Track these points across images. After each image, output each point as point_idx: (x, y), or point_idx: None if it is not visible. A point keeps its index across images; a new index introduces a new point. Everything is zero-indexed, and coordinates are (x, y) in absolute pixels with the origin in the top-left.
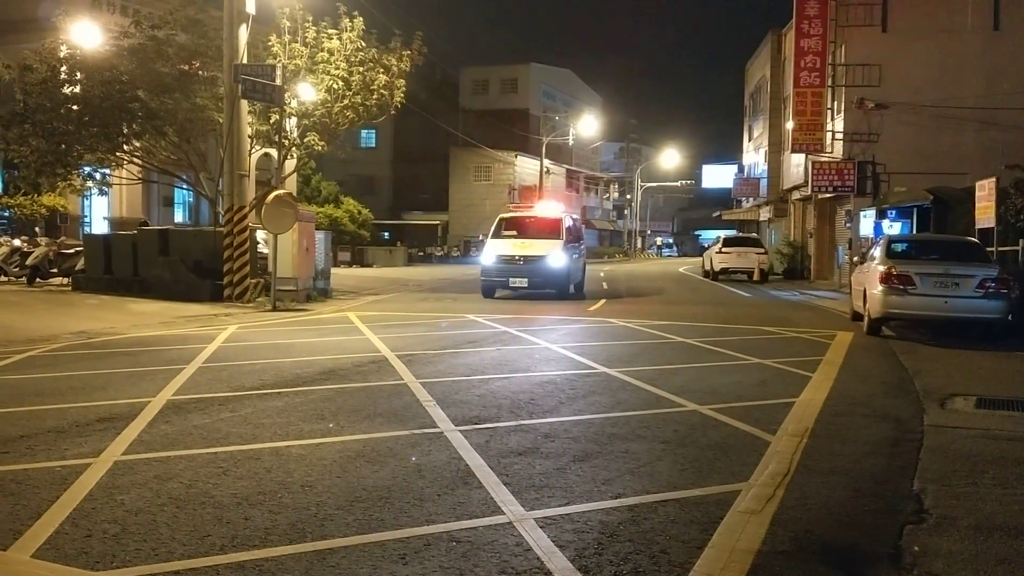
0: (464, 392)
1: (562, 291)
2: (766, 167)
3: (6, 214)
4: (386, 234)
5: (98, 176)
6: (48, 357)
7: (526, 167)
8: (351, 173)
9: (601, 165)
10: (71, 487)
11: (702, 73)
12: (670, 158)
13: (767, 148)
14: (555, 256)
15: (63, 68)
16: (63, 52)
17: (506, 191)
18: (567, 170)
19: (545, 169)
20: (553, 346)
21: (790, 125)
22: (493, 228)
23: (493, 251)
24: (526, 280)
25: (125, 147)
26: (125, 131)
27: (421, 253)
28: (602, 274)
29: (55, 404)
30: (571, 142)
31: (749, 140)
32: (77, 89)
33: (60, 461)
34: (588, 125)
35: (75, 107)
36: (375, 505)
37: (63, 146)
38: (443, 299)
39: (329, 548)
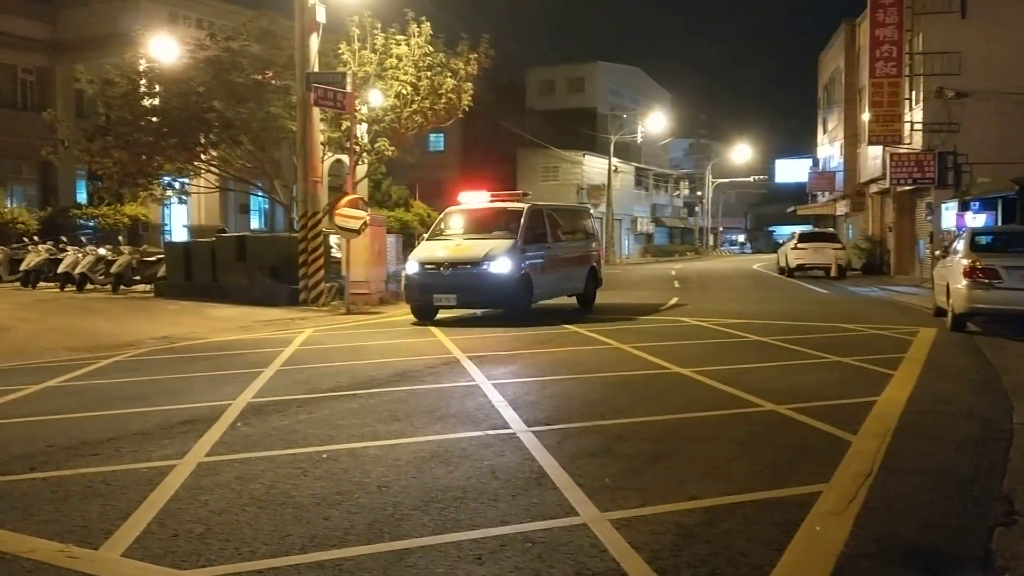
0: (536, 393)
1: (512, 308)
2: (842, 160)
3: (91, 224)
4: None
5: (177, 185)
6: (133, 362)
7: (594, 166)
8: (420, 177)
9: (670, 162)
10: (157, 488)
11: (773, 66)
12: (741, 153)
13: (842, 141)
14: (498, 261)
15: (143, 81)
16: (142, 66)
17: (574, 191)
18: (635, 168)
19: (613, 168)
20: (625, 346)
21: (866, 117)
22: (433, 225)
23: (417, 257)
24: (454, 296)
25: (202, 157)
26: (202, 141)
27: None
28: (673, 272)
29: (140, 407)
30: (639, 140)
31: (823, 133)
32: (156, 101)
33: (146, 463)
34: (656, 122)
35: (154, 119)
36: (450, 505)
37: (144, 157)
38: None
39: (406, 548)
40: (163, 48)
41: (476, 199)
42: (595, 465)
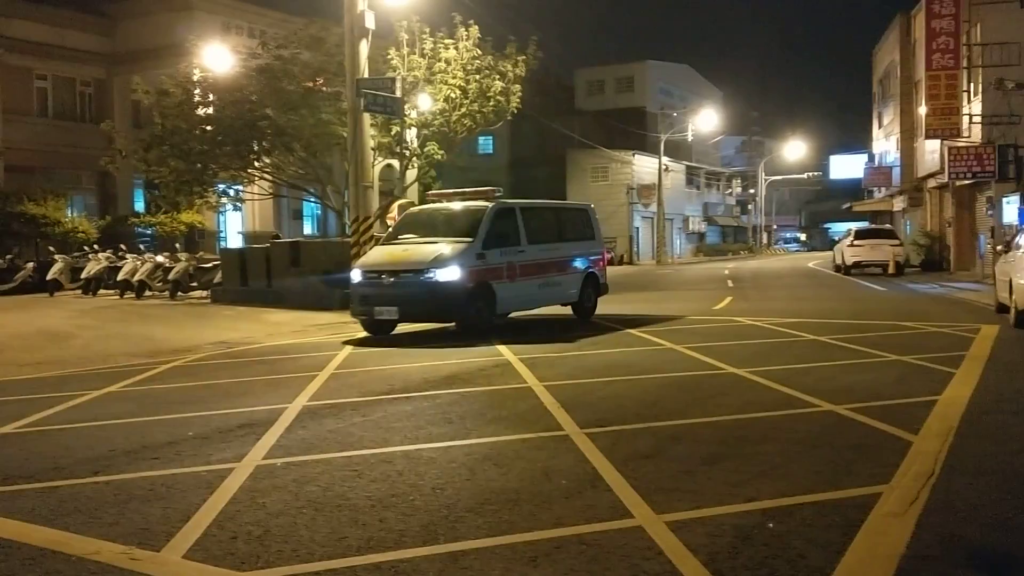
0: (588, 394)
1: (465, 322)
2: (898, 155)
3: (149, 232)
4: None
5: (232, 193)
6: (191, 366)
7: (644, 166)
8: (470, 179)
9: (722, 160)
10: (216, 491)
11: (826, 60)
12: (795, 150)
13: (899, 135)
14: (444, 267)
15: (197, 91)
16: (197, 76)
17: (624, 191)
18: (687, 167)
19: (664, 167)
20: (678, 347)
21: (923, 110)
22: (392, 228)
23: (361, 263)
24: (395, 309)
25: (256, 164)
26: (255, 148)
27: None
28: (726, 271)
29: (199, 411)
30: (690, 138)
31: (879, 127)
32: (210, 110)
33: (205, 466)
34: (707, 120)
35: (209, 128)
36: (504, 507)
37: (199, 165)
38: None
39: (461, 550)
40: (216, 58)
41: (443, 198)
42: (649, 467)
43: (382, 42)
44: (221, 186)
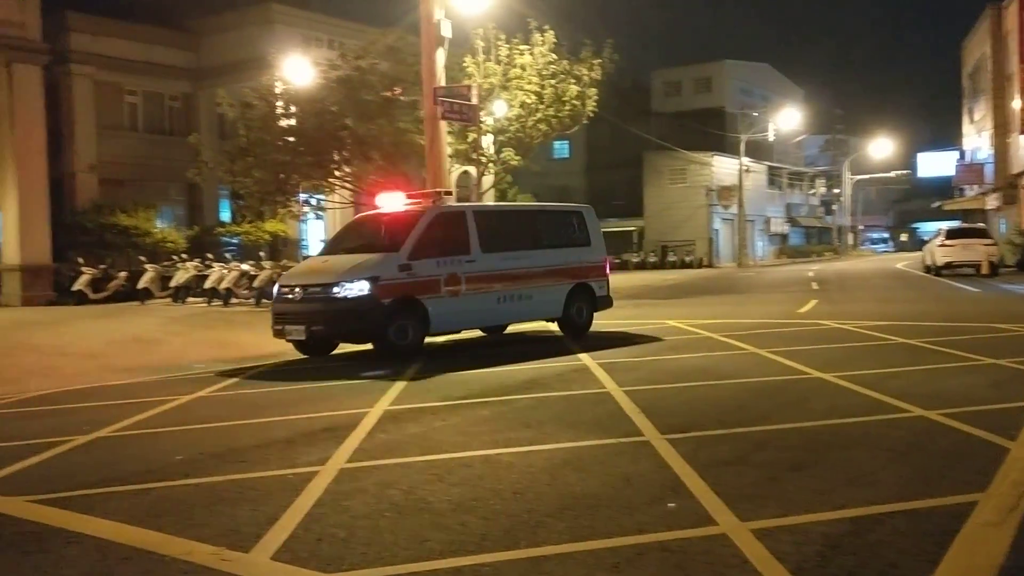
0: (668, 399)
1: (382, 345)
2: (991, 151)
3: (234, 241)
4: None
5: (314, 202)
6: (275, 371)
7: (724, 167)
8: (546, 184)
9: (805, 160)
10: (302, 493)
11: (912, 54)
12: (881, 148)
13: (991, 131)
14: (353, 282)
15: (279, 103)
16: (278, 88)
17: (703, 192)
18: (768, 167)
19: (744, 167)
20: (761, 351)
21: (1017, 104)
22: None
23: (282, 279)
24: (303, 328)
25: (336, 173)
26: (336, 158)
27: (617, 260)
28: (810, 273)
29: (285, 416)
30: (771, 138)
31: (970, 123)
32: (292, 122)
33: (291, 469)
34: (788, 119)
35: (291, 138)
36: (584, 513)
37: (282, 175)
38: (641, 306)
39: (542, 555)
40: (297, 70)
41: (392, 202)
42: (733, 473)
43: (458, 50)
44: (303, 195)
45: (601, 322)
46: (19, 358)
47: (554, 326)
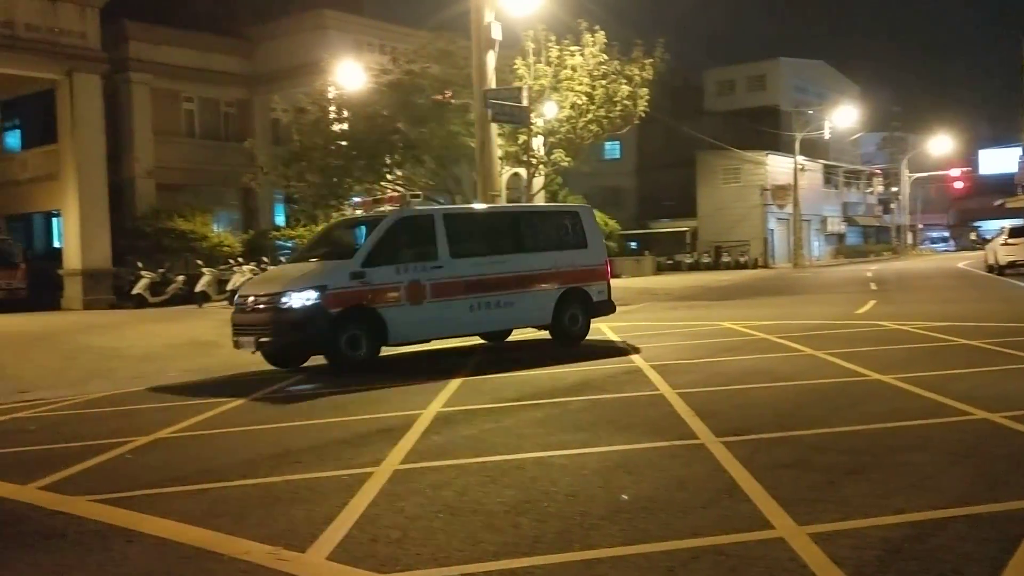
0: (723, 402)
1: (334, 358)
2: None
3: (289, 244)
4: (633, 244)
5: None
6: (329, 374)
7: (778, 166)
8: (596, 185)
9: (862, 158)
10: (356, 494)
11: (972, 49)
12: (940, 144)
13: None
14: (300, 293)
15: (332, 108)
16: (331, 93)
17: (758, 192)
18: (824, 165)
19: (799, 166)
20: (818, 353)
21: None
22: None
23: (240, 290)
24: (252, 339)
25: (388, 176)
26: (388, 161)
27: (670, 261)
28: (868, 273)
29: (339, 417)
30: (827, 136)
31: None
32: (345, 126)
33: (346, 470)
34: (845, 117)
35: (343, 143)
36: (638, 516)
37: (335, 179)
38: (695, 307)
39: (596, 558)
40: (349, 75)
41: (363, 206)
42: (790, 477)
43: (509, 52)
44: (356, 199)
45: (650, 323)
46: (81, 360)
47: (607, 328)
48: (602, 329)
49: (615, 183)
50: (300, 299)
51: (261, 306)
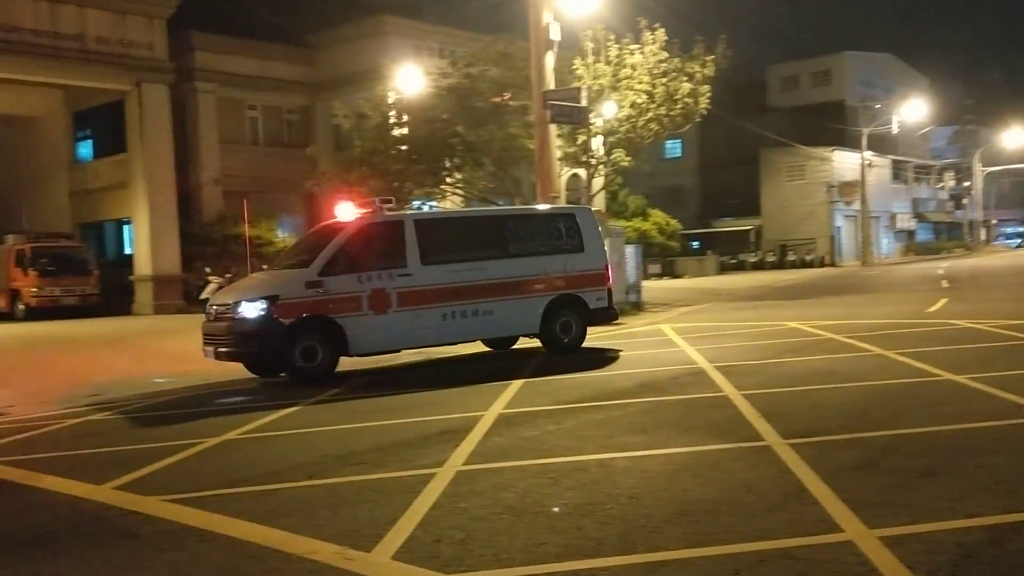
0: (789, 403)
1: (287, 367)
2: None
3: None
4: (695, 243)
5: (426, 208)
6: (392, 376)
7: (845, 162)
8: (657, 185)
9: (932, 152)
10: (419, 495)
11: None
12: (1015, 137)
13: None
14: (252, 303)
15: (392, 113)
16: (391, 98)
17: (824, 189)
18: (892, 161)
19: (867, 162)
20: (887, 352)
21: None
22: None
23: (211, 299)
24: (212, 349)
25: (448, 180)
26: (447, 165)
27: (733, 260)
28: (940, 271)
29: (401, 419)
30: (895, 130)
31: None
32: (405, 131)
33: (408, 471)
34: (914, 110)
35: (403, 147)
36: (703, 519)
37: (396, 183)
38: (759, 307)
39: (660, 560)
40: (409, 80)
41: (345, 212)
42: (859, 479)
43: (567, 52)
44: (416, 202)
45: (714, 324)
46: (151, 364)
47: (670, 330)
48: (664, 330)
49: (677, 182)
50: (252, 309)
51: (222, 316)
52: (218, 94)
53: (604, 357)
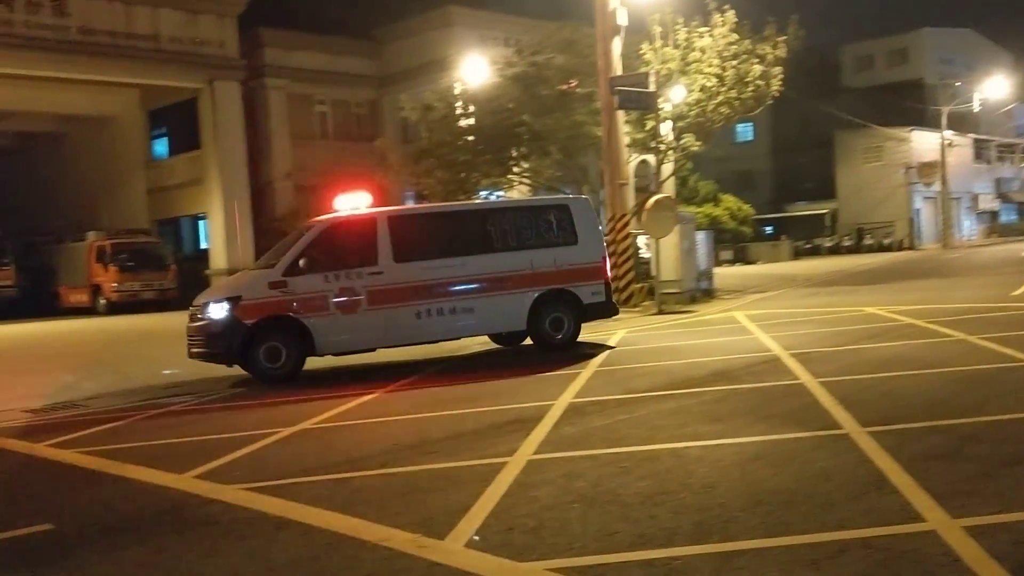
0: (868, 391)
1: (249, 366)
2: None
3: None
4: (768, 228)
5: (494, 198)
6: (462, 365)
7: (923, 142)
8: (728, 169)
9: (1016, 130)
10: (491, 484)
11: None
12: None
13: None
14: (216, 303)
15: (458, 104)
16: (457, 89)
17: (901, 170)
18: (974, 140)
19: (947, 142)
20: (970, 337)
21: None
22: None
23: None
24: (189, 346)
25: (515, 169)
26: (514, 154)
27: (808, 245)
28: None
29: (472, 408)
30: (976, 109)
31: None
32: (471, 121)
33: (480, 460)
34: (996, 87)
35: (470, 138)
36: (779, 508)
37: (463, 174)
38: (836, 293)
39: (736, 550)
40: (474, 70)
41: (341, 208)
42: (942, 468)
43: (634, 37)
44: (483, 193)
45: (788, 310)
46: None
47: (743, 317)
48: (737, 318)
49: (748, 166)
50: (217, 310)
51: (195, 316)
52: (288, 90)
53: (674, 347)
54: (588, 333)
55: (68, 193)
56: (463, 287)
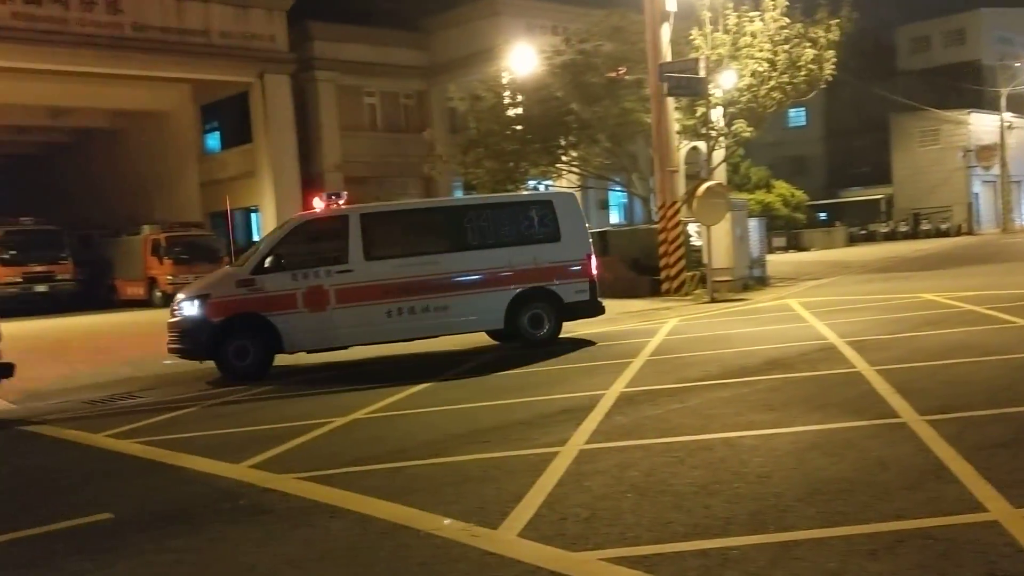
0: (926, 379)
1: (221, 364)
2: None
3: None
4: (822, 215)
5: (542, 188)
6: (508, 357)
7: (982, 125)
8: (780, 155)
9: None
10: (543, 473)
11: None
12: None
13: None
14: (188, 301)
15: (506, 93)
16: (505, 79)
17: (959, 154)
18: None
19: (1006, 123)
20: None
21: None
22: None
23: None
24: (167, 341)
25: (563, 158)
26: (562, 143)
27: (863, 231)
28: None
29: (522, 398)
30: None
31: None
32: (519, 110)
33: (532, 449)
34: None
35: (518, 127)
36: (836, 498)
37: (511, 164)
38: (892, 279)
39: (792, 540)
40: (522, 59)
41: (317, 206)
42: (1004, 457)
43: (683, 23)
44: (532, 182)
45: (843, 298)
46: None
47: (797, 304)
48: (791, 305)
49: (801, 151)
50: (188, 308)
51: (173, 312)
52: (337, 82)
53: (727, 335)
54: (638, 322)
55: (123, 187)
56: (437, 285)
